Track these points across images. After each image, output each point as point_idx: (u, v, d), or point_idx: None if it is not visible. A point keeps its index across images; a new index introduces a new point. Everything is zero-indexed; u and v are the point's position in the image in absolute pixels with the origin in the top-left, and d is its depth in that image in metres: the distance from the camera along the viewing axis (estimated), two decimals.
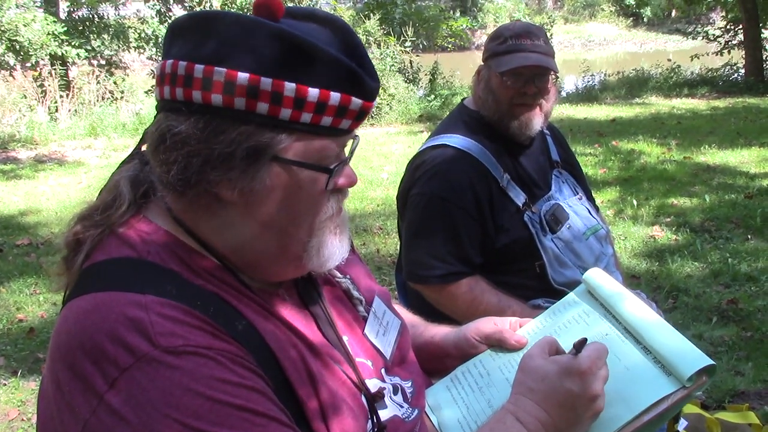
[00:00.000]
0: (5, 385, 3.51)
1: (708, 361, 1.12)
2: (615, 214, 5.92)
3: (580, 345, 1.10)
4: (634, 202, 6.20)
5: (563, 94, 14.43)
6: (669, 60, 15.20)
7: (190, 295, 0.94)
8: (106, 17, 14.05)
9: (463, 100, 2.37)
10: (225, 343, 0.91)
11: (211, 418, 0.84)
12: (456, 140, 2.18)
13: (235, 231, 1.01)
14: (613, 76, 15.46)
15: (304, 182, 1.00)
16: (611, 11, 36.28)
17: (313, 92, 0.95)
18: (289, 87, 0.94)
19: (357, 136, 1.07)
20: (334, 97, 0.97)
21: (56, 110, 11.37)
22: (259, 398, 0.89)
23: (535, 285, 2.11)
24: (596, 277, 1.37)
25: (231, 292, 0.99)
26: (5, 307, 4.47)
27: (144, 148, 1.07)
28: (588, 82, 15.37)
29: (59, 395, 0.88)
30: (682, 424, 1.96)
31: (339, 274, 1.22)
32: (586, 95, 14.24)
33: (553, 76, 2.17)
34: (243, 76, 0.92)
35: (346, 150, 1.06)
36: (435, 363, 1.40)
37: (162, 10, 13.87)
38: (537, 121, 2.17)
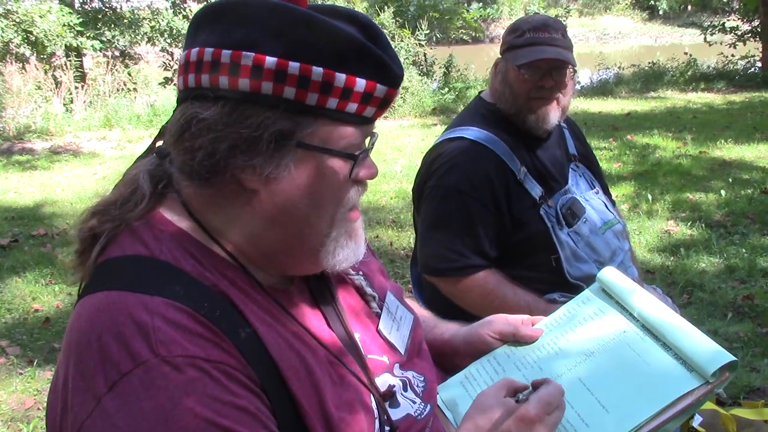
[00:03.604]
0: (21, 374, 3.54)
1: (730, 357, 1.12)
2: (630, 209, 5.89)
3: (538, 384, 1.10)
4: (649, 197, 6.15)
5: (577, 87, 14.30)
6: (686, 53, 15.05)
7: (198, 296, 0.94)
8: (119, 9, 14.10)
9: (480, 92, 2.37)
10: (225, 354, 0.91)
11: None
12: (473, 133, 2.17)
13: (255, 220, 1.01)
14: (628, 69, 15.33)
15: (328, 169, 1.00)
16: (626, 4, 35.98)
17: (340, 77, 0.95)
18: (317, 71, 0.94)
19: (376, 132, 1.08)
20: (360, 83, 0.97)
21: (71, 101, 11.41)
22: (249, 420, 0.89)
23: (550, 279, 2.10)
24: (611, 275, 1.37)
25: (239, 295, 0.99)
26: (21, 297, 4.50)
27: (159, 143, 1.07)
28: (603, 75, 15.24)
29: (65, 391, 0.90)
30: (697, 420, 1.94)
31: (352, 271, 1.22)
32: (601, 89, 14.12)
33: (571, 70, 2.16)
34: (271, 60, 0.93)
35: (367, 142, 1.06)
36: (443, 360, 1.39)
37: (176, 1, 13.89)
38: (554, 115, 2.15)
